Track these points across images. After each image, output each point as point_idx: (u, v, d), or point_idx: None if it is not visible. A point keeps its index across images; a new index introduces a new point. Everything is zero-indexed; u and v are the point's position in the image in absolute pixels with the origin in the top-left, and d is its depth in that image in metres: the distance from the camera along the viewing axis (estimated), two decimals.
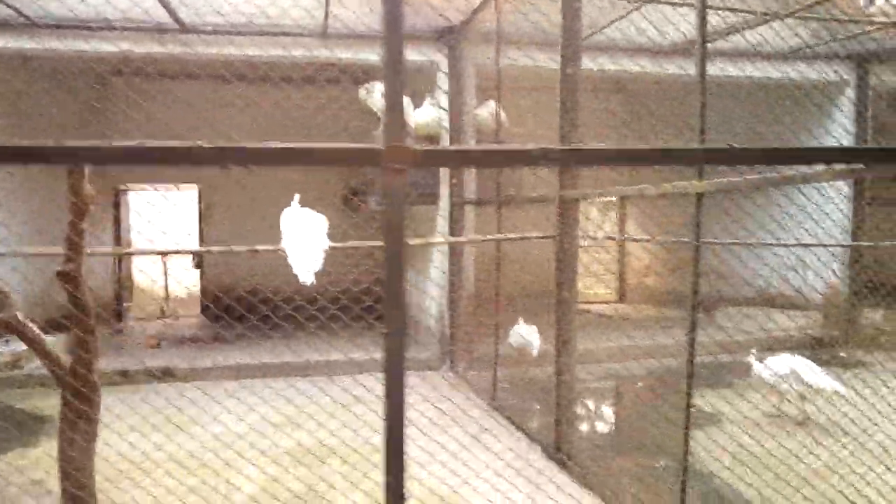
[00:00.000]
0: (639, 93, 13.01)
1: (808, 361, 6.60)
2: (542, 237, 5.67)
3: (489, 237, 6.27)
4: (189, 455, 5.57)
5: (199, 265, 12.51)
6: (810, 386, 6.39)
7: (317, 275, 4.97)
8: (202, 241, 12.21)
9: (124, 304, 12.49)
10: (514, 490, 4.99)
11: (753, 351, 7.03)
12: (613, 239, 14.45)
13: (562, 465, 5.49)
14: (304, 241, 4.96)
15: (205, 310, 12.51)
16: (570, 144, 5.12)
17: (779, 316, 10.75)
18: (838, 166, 2.83)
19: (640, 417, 6.73)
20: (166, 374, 8.00)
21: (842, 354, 9.76)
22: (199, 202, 12.49)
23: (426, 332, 9.27)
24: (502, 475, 5.25)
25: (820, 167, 3.03)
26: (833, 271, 10.35)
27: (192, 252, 11.40)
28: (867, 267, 10.41)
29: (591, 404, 7.49)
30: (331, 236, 5.09)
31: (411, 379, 8.53)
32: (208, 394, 6.37)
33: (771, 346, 9.89)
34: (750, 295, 11.72)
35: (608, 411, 7.49)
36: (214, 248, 5.92)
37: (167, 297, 14.31)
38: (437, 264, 8.82)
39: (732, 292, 11.96)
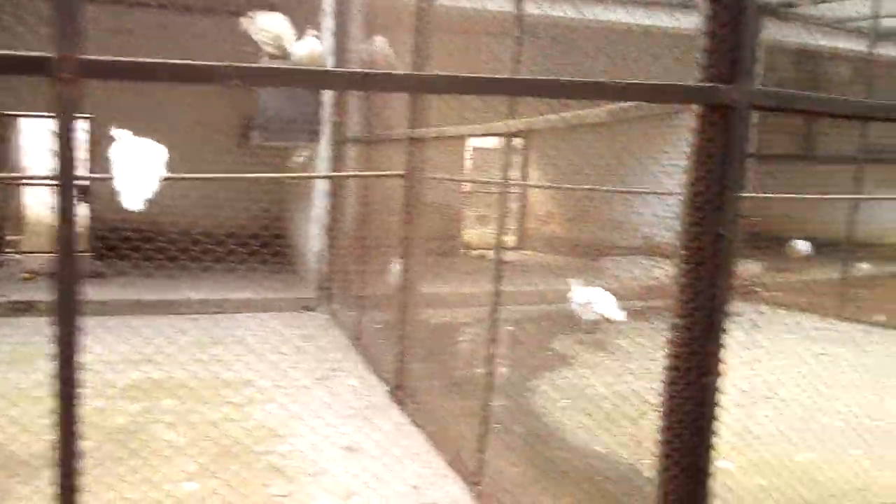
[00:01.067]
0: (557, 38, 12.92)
1: (606, 293, 7.54)
2: (390, 175, 5.60)
3: (335, 174, 6.16)
4: (24, 388, 5.42)
5: (85, 199, 12.06)
6: (603, 315, 7.40)
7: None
8: (91, 173, 11.76)
9: (8, 236, 12.02)
10: (346, 425, 5.01)
11: (571, 281, 7.47)
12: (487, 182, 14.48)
13: (401, 403, 5.52)
14: (136, 170, 4.81)
15: (93, 245, 12.13)
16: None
17: (661, 264, 10.95)
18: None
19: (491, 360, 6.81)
20: (29, 308, 7.75)
21: None
22: (90, 132, 11.98)
23: (308, 273, 9.19)
24: (339, 412, 5.27)
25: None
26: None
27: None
28: (751, 217, 10.67)
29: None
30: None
31: (285, 318, 8.50)
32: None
33: (646, 296, 10.14)
34: (636, 244, 11.92)
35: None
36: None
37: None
38: (318, 203, 8.70)
39: (622, 240, 12.15)
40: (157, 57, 1.84)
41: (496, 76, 2.33)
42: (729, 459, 4.63)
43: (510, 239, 15.32)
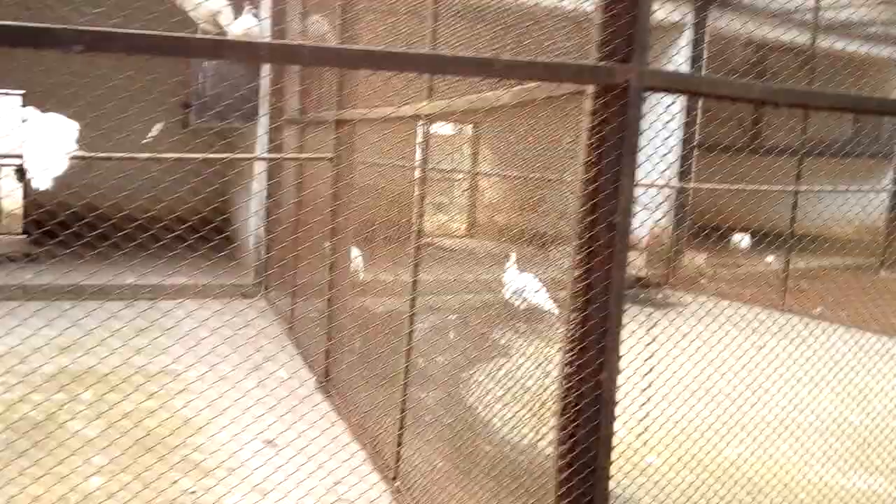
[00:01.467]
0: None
1: (536, 282, 7.33)
2: (315, 159, 5.43)
3: (264, 156, 5.96)
4: None
5: (21, 178, 11.68)
6: (530, 302, 7.27)
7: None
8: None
9: None
10: (269, 417, 4.85)
11: (506, 265, 7.44)
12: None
13: (328, 395, 5.38)
14: (45, 148, 4.61)
15: (27, 228, 11.78)
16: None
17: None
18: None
19: (426, 349, 6.68)
20: None
21: (659, 295, 10.04)
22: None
23: (247, 259, 8.98)
24: (265, 403, 5.10)
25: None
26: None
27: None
28: (702, 210, 10.70)
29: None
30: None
31: (222, 305, 8.26)
32: None
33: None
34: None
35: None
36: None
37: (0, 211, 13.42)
38: (257, 188, 8.48)
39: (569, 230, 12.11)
40: None
41: (369, 48, 2.17)
42: (657, 454, 4.57)
43: (460, 226, 15.26)
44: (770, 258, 10.19)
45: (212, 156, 7.02)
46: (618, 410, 4.14)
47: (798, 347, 6.95)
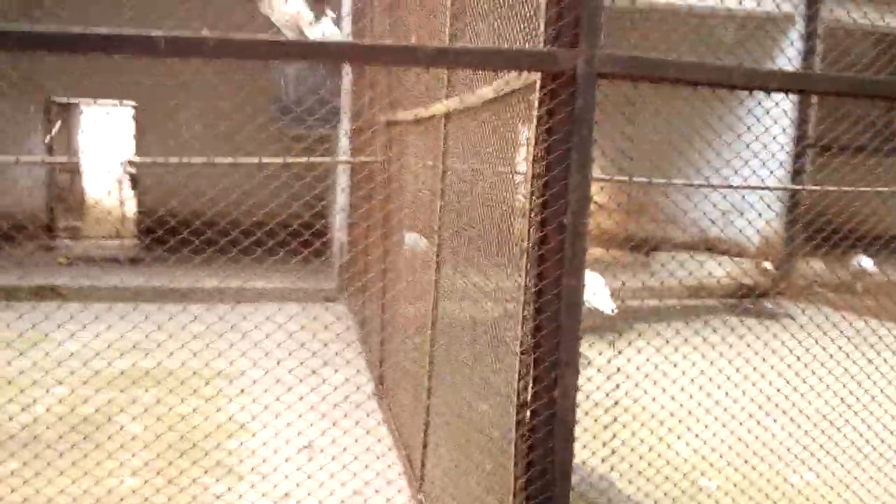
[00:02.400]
0: None
1: (599, 281, 7.37)
2: (366, 162, 5.34)
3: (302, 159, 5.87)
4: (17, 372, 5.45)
5: (134, 185, 12.32)
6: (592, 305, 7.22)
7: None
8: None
9: (59, 221, 12.38)
10: (317, 422, 4.79)
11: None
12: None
13: (380, 401, 5.28)
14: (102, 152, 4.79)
15: (143, 231, 12.38)
16: None
17: (714, 261, 10.36)
18: None
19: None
20: (50, 293, 7.87)
21: (768, 305, 9.38)
22: (136, 119, 12.22)
23: (333, 263, 9.05)
24: (317, 407, 5.05)
25: None
26: (763, 217, 9.88)
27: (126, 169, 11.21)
28: (819, 213, 9.93)
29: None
30: None
31: (304, 309, 8.34)
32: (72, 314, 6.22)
33: (699, 294, 9.57)
34: (691, 239, 11.33)
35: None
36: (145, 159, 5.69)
37: (123, 217, 14.16)
38: (340, 192, 8.53)
39: (677, 235, 11.58)
40: None
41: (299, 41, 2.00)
42: (713, 477, 4.20)
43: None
44: (867, 263, 9.28)
45: (294, 160, 7.10)
46: (681, 429, 3.83)
47: None
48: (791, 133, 9.64)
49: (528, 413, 2.04)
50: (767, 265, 10.07)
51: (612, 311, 7.49)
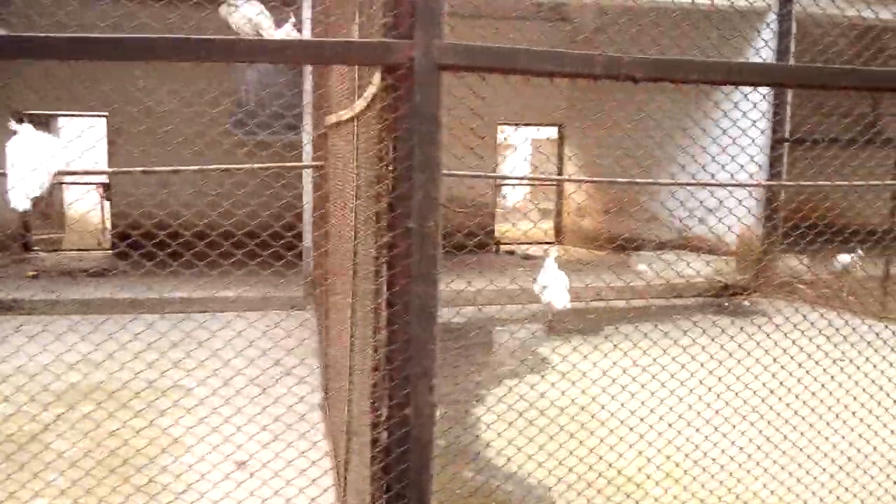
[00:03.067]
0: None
1: (562, 278, 7.69)
2: (301, 167, 5.21)
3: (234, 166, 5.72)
4: None
5: (107, 196, 12.20)
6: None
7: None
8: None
9: (35, 233, 12.27)
10: (258, 436, 4.65)
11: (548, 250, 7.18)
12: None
13: (325, 414, 5.15)
14: (29, 165, 4.61)
15: (112, 242, 12.26)
16: None
17: (694, 259, 10.22)
18: None
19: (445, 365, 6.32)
20: (11, 307, 7.75)
21: (745, 303, 9.23)
22: (108, 130, 12.11)
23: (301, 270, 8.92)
24: (260, 421, 4.92)
25: None
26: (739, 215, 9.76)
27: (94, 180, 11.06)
28: (794, 209, 9.77)
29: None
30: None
31: (269, 317, 8.19)
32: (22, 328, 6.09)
33: (676, 293, 9.43)
34: (670, 237, 11.19)
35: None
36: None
37: (104, 228, 14.04)
38: (306, 198, 8.41)
39: (656, 234, 11.45)
40: None
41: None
42: (663, 487, 4.06)
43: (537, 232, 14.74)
44: (846, 258, 9.10)
45: (250, 165, 6.97)
46: (632, 436, 3.67)
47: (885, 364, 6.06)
48: (764, 127, 9.49)
49: (384, 433, 1.91)
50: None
51: (565, 306, 7.66)
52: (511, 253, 12.62)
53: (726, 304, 9.06)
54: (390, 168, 1.81)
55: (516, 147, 20.79)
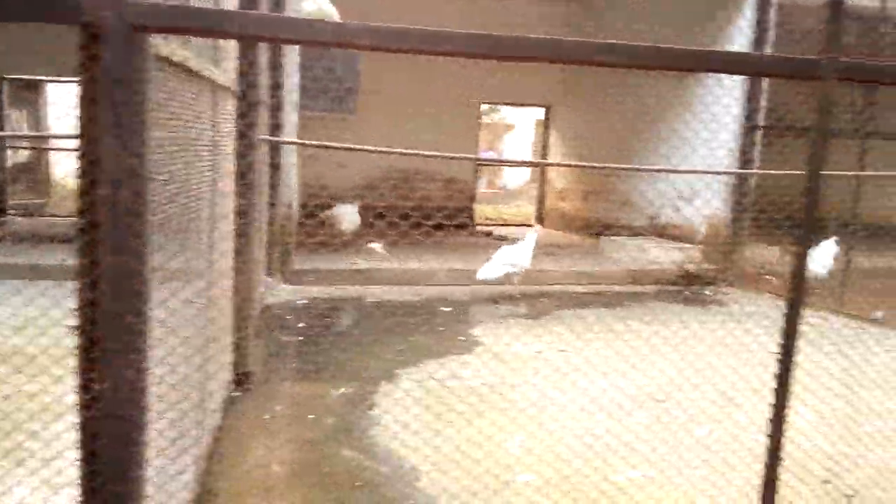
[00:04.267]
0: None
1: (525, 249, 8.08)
2: None
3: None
4: None
5: None
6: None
7: None
8: None
9: (11, 197, 12.33)
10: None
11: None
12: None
13: (238, 385, 5.11)
14: None
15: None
16: None
17: (662, 247, 10.08)
18: None
19: (355, 342, 6.27)
20: None
21: (707, 292, 9.08)
22: None
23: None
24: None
25: None
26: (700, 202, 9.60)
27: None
28: (770, 198, 9.56)
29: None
30: None
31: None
32: None
33: (643, 280, 9.30)
34: (642, 223, 11.05)
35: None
36: None
37: None
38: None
39: (628, 220, 11.30)
40: None
41: None
42: (536, 472, 3.98)
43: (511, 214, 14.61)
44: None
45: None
46: (533, 423, 3.60)
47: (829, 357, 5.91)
48: (737, 115, 9.29)
49: (86, 414, 1.85)
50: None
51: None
52: (488, 234, 12.52)
53: (687, 292, 8.92)
54: (82, 133, 1.74)
55: (514, 127, 20.59)
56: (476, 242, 11.62)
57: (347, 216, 10.46)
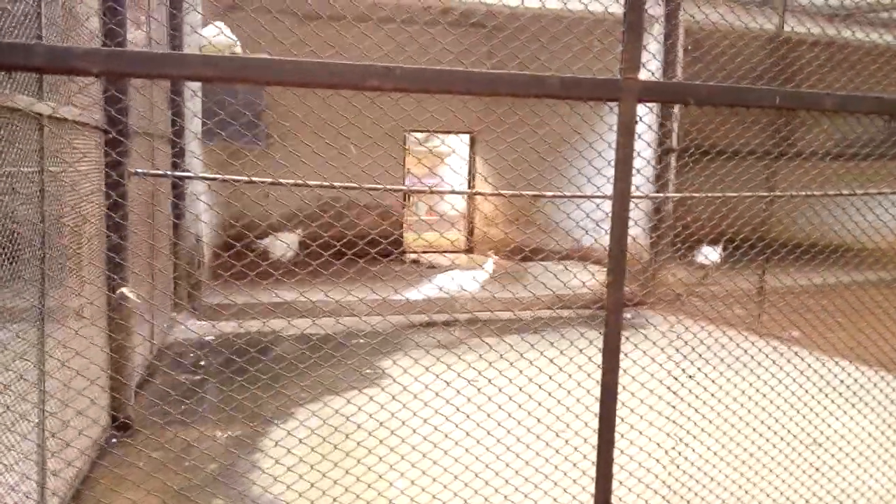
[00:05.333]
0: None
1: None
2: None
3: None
4: None
5: None
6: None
7: None
8: None
9: None
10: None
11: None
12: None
13: (120, 430, 4.89)
14: None
15: None
16: None
17: (585, 271, 10.06)
18: None
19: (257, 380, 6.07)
20: None
21: (628, 315, 9.09)
22: None
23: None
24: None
25: None
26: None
27: None
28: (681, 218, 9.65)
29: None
30: None
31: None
32: None
33: (564, 305, 9.26)
34: (568, 247, 11.06)
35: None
36: None
37: None
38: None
39: (554, 244, 11.31)
40: None
41: None
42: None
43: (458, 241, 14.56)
44: (713, 255, 8.99)
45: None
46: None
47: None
48: (650, 139, 9.37)
49: None
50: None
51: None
52: (416, 262, 12.43)
53: (600, 318, 8.90)
54: None
55: (453, 152, 20.62)
56: (403, 270, 11.51)
57: (280, 246, 10.29)
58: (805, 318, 8.03)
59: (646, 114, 9.24)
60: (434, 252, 13.36)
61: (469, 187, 14.45)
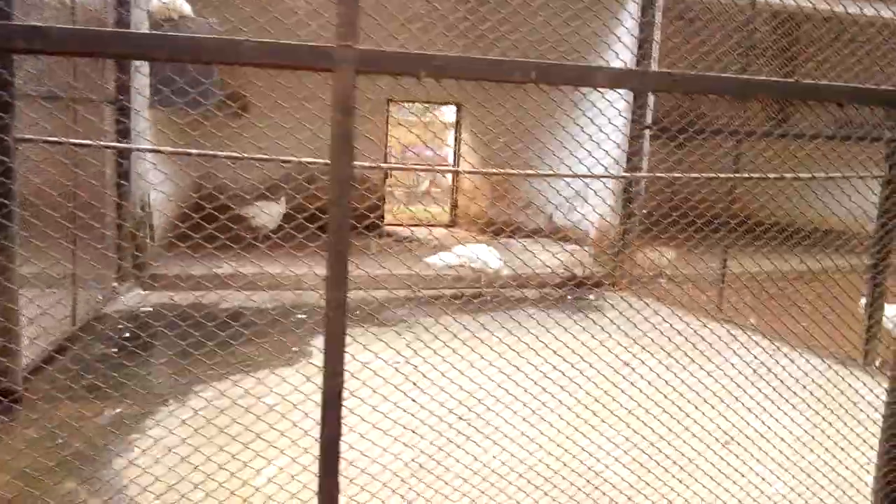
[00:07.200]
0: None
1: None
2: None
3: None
4: None
5: None
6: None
7: None
8: None
9: None
10: None
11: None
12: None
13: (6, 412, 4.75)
14: None
15: None
16: None
17: (554, 249, 9.81)
18: None
19: (170, 354, 5.92)
20: None
21: (591, 297, 8.84)
22: None
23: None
24: None
25: None
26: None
27: None
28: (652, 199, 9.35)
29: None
30: None
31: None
32: None
33: (534, 284, 9.04)
34: (541, 224, 10.81)
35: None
36: None
37: None
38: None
39: (529, 221, 11.06)
40: None
41: None
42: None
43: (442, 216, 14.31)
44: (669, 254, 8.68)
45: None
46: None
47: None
48: (620, 124, 9.03)
49: None
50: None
51: (499, 267, 8.55)
52: (389, 235, 12.23)
53: (569, 297, 8.66)
54: None
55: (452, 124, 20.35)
56: (380, 244, 11.30)
57: (263, 214, 10.12)
58: (766, 304, 7.74)
59: (616, 99, 8.92)
60: (417, 225, 13.15)
61: (455, 160, 14.19)
